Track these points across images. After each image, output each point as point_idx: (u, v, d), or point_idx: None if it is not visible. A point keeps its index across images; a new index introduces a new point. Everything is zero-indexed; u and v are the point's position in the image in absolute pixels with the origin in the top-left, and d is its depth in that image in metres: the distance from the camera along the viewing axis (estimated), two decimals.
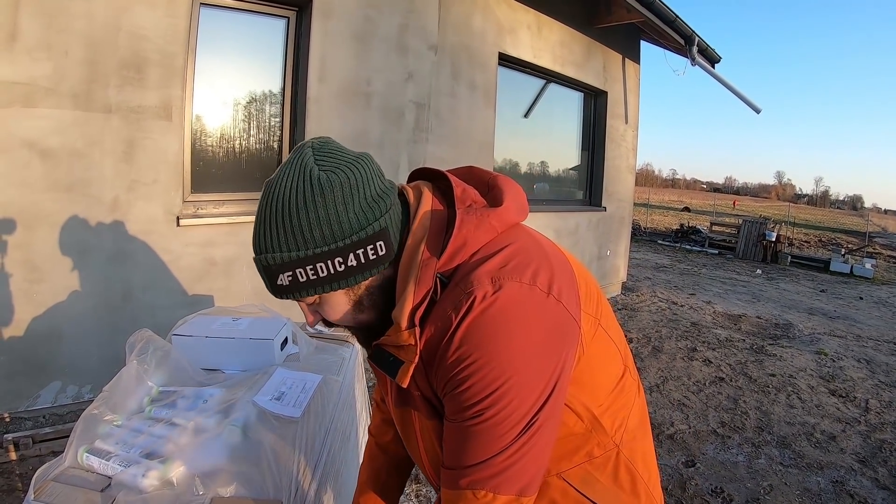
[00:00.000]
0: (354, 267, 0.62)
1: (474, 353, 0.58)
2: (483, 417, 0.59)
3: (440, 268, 0.62)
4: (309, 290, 0.63)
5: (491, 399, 0.58)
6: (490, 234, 0.64)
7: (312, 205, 0.59)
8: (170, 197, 2.39)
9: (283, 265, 0.61)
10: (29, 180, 2.08)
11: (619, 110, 5.57)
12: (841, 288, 8.58)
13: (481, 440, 0.60)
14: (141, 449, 1.01)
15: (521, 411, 0.59)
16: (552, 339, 0.61)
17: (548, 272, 0.62)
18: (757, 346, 4.29)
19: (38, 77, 2.06)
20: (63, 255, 2.18)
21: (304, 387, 1.15)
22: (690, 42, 5.10)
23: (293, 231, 0.60)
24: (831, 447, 2.62)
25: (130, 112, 2.27)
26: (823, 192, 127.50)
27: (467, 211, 0.65)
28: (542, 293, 0.61)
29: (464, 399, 0.60)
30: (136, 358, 1.22)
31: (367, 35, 3.06)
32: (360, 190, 0.61)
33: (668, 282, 7.44)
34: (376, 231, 0.62)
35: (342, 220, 0.60)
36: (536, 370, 0.59)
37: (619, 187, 5.73)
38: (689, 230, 14.61)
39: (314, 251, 0.60)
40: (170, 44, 2.34)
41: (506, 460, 0.60)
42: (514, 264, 0.61)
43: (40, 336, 2.16)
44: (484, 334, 0.58)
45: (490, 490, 0.60)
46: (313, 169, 0.60)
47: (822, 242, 17.71)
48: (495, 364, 0.58)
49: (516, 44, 4.16)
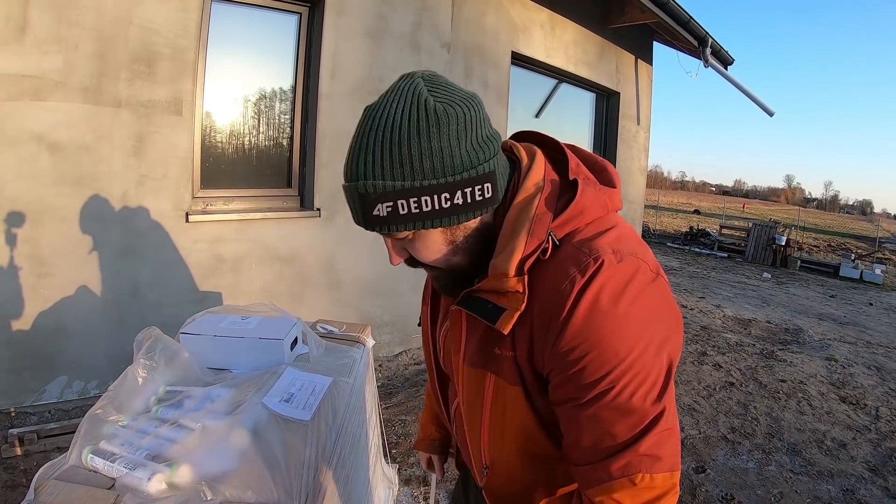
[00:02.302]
0: (460, 206, 0.59)
1: (606, 319, 0.56)
2: (618, 388, 0.56)
3: (553, 227, 0.61)
4: (408, 223, 0.58)
5: (623, 367, 0.56)
6: (603, 210, 0.64)
7: (427, 135, 0.55)
8: (179, 192, 2.37)
9: (384, 194, 0.57)
10: (37, 174, 2.07)
11: (632, 111, 5.51)
12: (851, 293, 8.48)
13: (620, 415, 0.56)
14: (147, 451, 0.98)
15: (651, 378, 0.57)
16: (667, 311, 0.60)
17: (653, 258, 0.63)
18: (767, 351, 4.23)
19: (47, 70, 2.04)
20: (71, 249, 2.17)
21: (315, 389, 1.12)
22: (704, 43, 5.04)
23: (402, 160, 0.55)
24: (842, 455, 2.57)
25: (140, 106, 2.25)
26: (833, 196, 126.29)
27: (586, 182, 0.64)
28: (654, 274, 0.60)
29: (593, 369, 0.56)
30: (143, 357, 1.20)
31: (379, 32, 3.03)
32: (474, 128, 0.58)
33: (677, 285, 7.37)
34: (486, 172, 0.59)
35: (454, 155, 0.57)
36: (660, 338, 0.58)
37: (630, 189, 5.67)
38: (698, 233, 14.50)
39: (422, 183, 0.56)
40: (180, 38, 2.32)
41: (652, 434, 0.56)
42: (629, 243, 0.61)
43: (47, 331, 2.15)
44: (616, 302, 0.56)
45: (646, 471, 0.56)
46: (428, 99, 0.56)
47: (831, 247, 17.54)
48: (627, 332, 0.56)
49: (529, 43, 4.11)
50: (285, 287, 2.78)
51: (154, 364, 1.19)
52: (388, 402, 2.71)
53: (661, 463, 0.56)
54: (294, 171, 2.87)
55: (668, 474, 0.57)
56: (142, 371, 1.17)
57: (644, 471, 0.56)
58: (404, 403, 2.70)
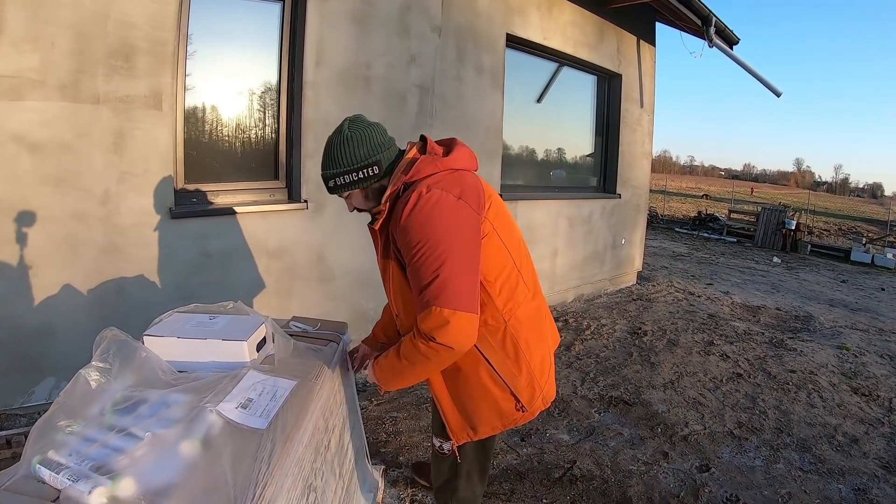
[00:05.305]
0: (362, 178, 1.24)
1: (413, 220, 1.11)
2: (420, 255, 1.10)
3: (406, 180, 1.19)
4: (343, 189, 1.26)
5: (424, 245, 1.09)
6: (434, 169, 1.20)
7: (344, 147, 1.23)
8: (162, 188, 2.32)
9: (329, 176, 1.26)
10: (18, 175, 2.03)
11: (635, 94, 5.36)
12: (862, 278, 8.28)
13: (421, 270, 1.10)
14: (93, 461, 0.93)
15: (439, 251, 1.08)
16: (459, 218, 1.13)
17: (459, 189, 1.17)
18: (776, 339, 4.12)
19: (24, 70, 2.00)
20: (55, 249, 2.13)
21: (276, 394, 1.06)
22: (707, 23, 4.86)
23: (334, 159, 1.24)
24: (853, 451, 2.47)
25: (119, 102, 2.19)
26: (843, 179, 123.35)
27: (428, 156, 1.24)
28: (454, 198, 1.14)
29: (410, 245, 1.11)
30: (96, 359, 1.15)
31: (366, 17, 2.94)
32: (367, 141, 1.23)
33: (685, 271, 7.24)
34: (375, 161, 1.23)
35: (357, 155, 1.23)
36: (444, 230, 1.10)
37: (634, 174, 5.54)
38: (706, 218, 14.27)
39: (343, 169, 1.23)
40: (158, 30, 2.25)
41: (439, 283, 1.07)
42: (438, 181, 1.17)
43: (34, 332, 2.12)
44: (419, 211, 1.11)
45: (437, 305, 1.07)
46: (346, 130, 1.25)
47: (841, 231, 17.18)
48: (424, 227, 1.10)
49: (525, 24, 3.99)
50: (274, 281, 2.73)
51: (108, 367, 1.14)
52: (379, 397, 2.66)
53: (448, 303, 1.06)
54: (281, 162, 2.81)
55: (450, 311, 1.06)
56: (94, 374, 1.13)
57: (433, 304, 1.07)
58: (397, 399, 2.66)
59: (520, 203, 4.16)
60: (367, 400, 2.63)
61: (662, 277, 6.37)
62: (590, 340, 3.81)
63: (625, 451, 2.35)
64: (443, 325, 1.05)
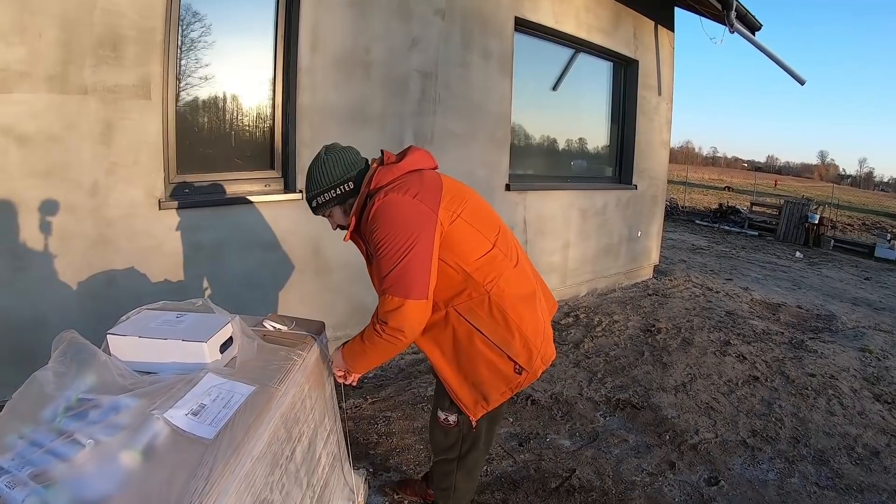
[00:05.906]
0: (340, 195, 1.41)
1: (374, 223, 1.28)
2: (381, 252, 1.26)
3: (368, 191, 1.37)
4: (325, 206, 1.44)
5: (383, 243, 1.26)
6: (392, 177, 1.36)
7: (320, 170, 1.41)
8: (151, 179, 2.27)
9: (311, 198, 1.44)
10: (7, 167, 2.00)
11: (652, 81, 5.16)
12: (886, 276, 7.92)
13: (381, 264, 1.26)
14: (33, 468, 0.88)
15: (395, 248, 1.24)
16: (413, 217, 1.27)
17: (416, 189, 1.31)
18: (796, 340, 3.93)
19: (11, 62, 1.96)
20: (44, 242, 2.10)
21: (230, 400, 0.99)
22: (728, 7, 4.61)
23: (314, 181, 1.42)
24: (874, 465, 2.31)
25: (107, 92, 2.14)
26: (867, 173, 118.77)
27: (384, 166, 1.40)
28: (409, 198, 1.29)
29: (374, 244, 1.28)
30: (53, 361, 1.10)
31: (364, 0, 2.83)
32: (340, 163, 1.41)
33: (703, 265, 7.01)
34: (348, 179, 1.40)
35: (332, 175, 1.40)
36: (402, 230, 1.25)
37: (651, 163, 5.34)
38: (728, 210, 13.87)
39: (322, 188, 1.41)
40: (146, 18, 2.19)
41: (394, 275, 1.23)
42: (396, 186, 1.32)
43: (25, 325, 2.10)
44: (378, 214, 1.28)
45: (390, 294, 1.24)
46: (322, 155, 1.43)
47: (865, 226, 16.53)
48: (383, 228, 1.27)
49: (535, 8, 3.83)
50: (269, 274, 2.68)
51: (64, 370, 1.08)
52: (375, 395, 2.59)
53: (399, 292, 1.22)
54: (276, 151, 2.74)
55: (401, 298, 1.22)
56: (49, 376, 1.07)
57: (388, 293, 1.24)
58: (393, 398, 2.58)
59: (529, 193, 4.03)
60: (361, 398, 2.56)
61: (680, 271, 6.17)
62: (600, 338, 3.68)
63: (629, 460, 2.23)
64: (394, 309, 1.22)
